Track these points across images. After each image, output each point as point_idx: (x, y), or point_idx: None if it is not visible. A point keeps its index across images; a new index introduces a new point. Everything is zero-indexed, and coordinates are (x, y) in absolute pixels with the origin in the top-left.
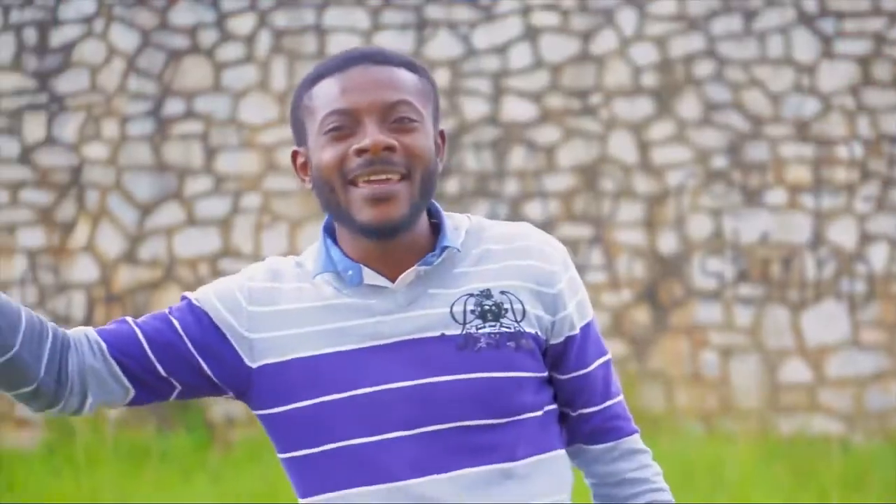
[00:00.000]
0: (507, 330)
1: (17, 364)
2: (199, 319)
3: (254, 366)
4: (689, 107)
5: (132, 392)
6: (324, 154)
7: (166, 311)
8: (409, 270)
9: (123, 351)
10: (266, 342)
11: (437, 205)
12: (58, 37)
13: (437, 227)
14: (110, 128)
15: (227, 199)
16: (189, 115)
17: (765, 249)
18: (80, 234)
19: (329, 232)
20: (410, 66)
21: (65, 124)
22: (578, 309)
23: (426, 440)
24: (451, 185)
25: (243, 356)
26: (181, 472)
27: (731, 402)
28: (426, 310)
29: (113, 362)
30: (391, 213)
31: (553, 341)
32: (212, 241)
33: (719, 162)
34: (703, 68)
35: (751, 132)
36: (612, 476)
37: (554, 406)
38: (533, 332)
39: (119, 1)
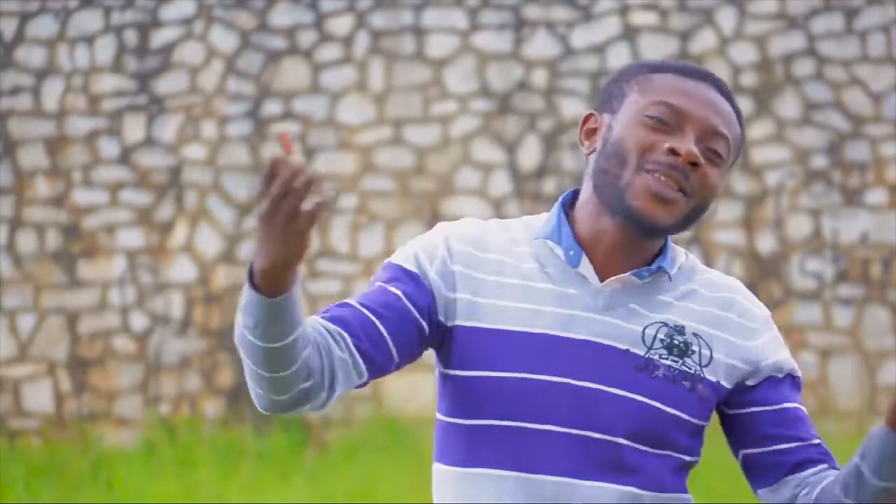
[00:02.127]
0: (688, 370)
1: (310, 361)
2: (414, 280)
3: (449, 324)
4: (788, 106)
5: (365, 376)
6: (633, 134)
7: (379, 283)
8: (618, 277)
9: (361, 337)
10: (462, 304)
11: None
12: (158, 38)
13: (660, 250)
14: (209, 128)
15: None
16: (287, 115)
17: (865, 250)
18: (179, 235)
19: (565, 208)
20: (740, 116)
21: (164, 125)
22: (778, 364)
23: (578, 443)
24: (549, 186)
25: (441, 314)
26: (277, 473)
27: (830, 404)
28: (620, 321)
29: (355, 351)
30: (664, 216)
31: (750, 381)
32: None
33: (819, 162)
34: (803, 67)
35: (851, 132)
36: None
37: (697, 459)
38: (715, 380)
39: (218, 2)
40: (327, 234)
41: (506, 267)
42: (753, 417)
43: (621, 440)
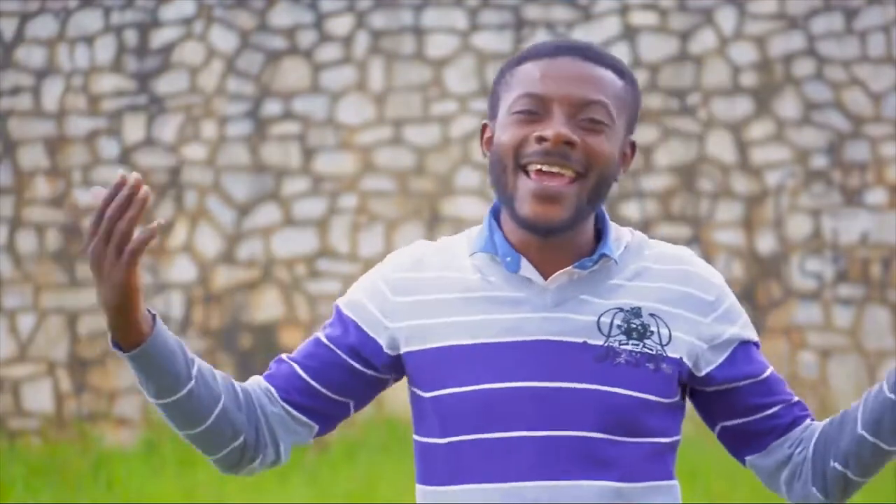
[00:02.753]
0: (649, 352)
1: (227, 415)
2: (347, 325)
3: (402, 352)
4: (788, 106)
5: (315, 427)
6: (506, 133)
7: (320, 329)
8: (563, 271)
9: (290, 391)
10: (408, 331)
11: (605, 211)
12: (157, 38)
13: (600, 234)
14: (209, 129)
15: (325, 199)
16: (287, 115)
17: (864, 250)
18: (179, 235)
19: (496, 215)
20: (619, 71)
21: (164, 125)
22: (743, 331)
23: (549, 444)
24: None
25: (387, 349)
26: (277, 472)
27: (830, 404)
28: (573, 314)
29: (287, 406)
30: (553, 214)
31: (714, 362)
32: (309, 241)
33: (819, 162)
34: (803, 67)
35: (851, 132)
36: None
37: (677, 438)
38: (677, 357)
39: (218, 2)
40: (327, 234)
41: (449, 282)
42: (738, 391)
43: (593, 434)
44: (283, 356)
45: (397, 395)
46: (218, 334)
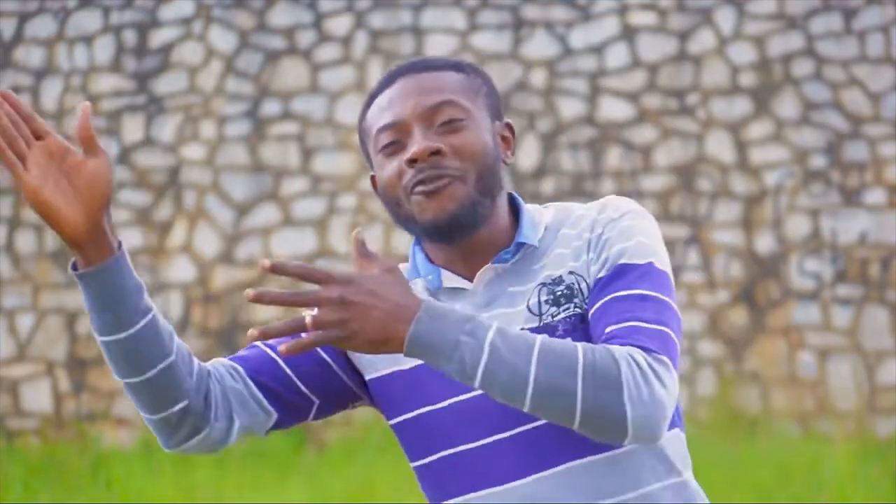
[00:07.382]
0: (580, 311)
1: (174, 373)
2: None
3: (366, 378)
4: (787, 106)
5: (274, 415)
6: (384, 172)
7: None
8: (484, 268)
9: (260, 371)
10: (363, 358)
11: (520, 200)
12: (157, 38)
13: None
14: (208, 128)
15: (324, 199)
16: (286, 115)
17: (863, 249)
18: (178, 235)
19: (419, 240)
20: (456, 67)
21: (163, 125)
22: (617, 254)
23: (526, 439)
24: (547, 186)
25: (360, 368)
26: (276, 472)
27: (828, 404)
28: (505, 308)
29: (252, 384)
30: (447, 205)
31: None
32: (308, 241)
33: (817, 162)
34: (802, 67)
35: (849, 132)
36: None
37: None
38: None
39: (217, 2)
40: (326, 234)
41: None
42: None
43: None
44: (258, 343)
45: None
46: (217, 334)
